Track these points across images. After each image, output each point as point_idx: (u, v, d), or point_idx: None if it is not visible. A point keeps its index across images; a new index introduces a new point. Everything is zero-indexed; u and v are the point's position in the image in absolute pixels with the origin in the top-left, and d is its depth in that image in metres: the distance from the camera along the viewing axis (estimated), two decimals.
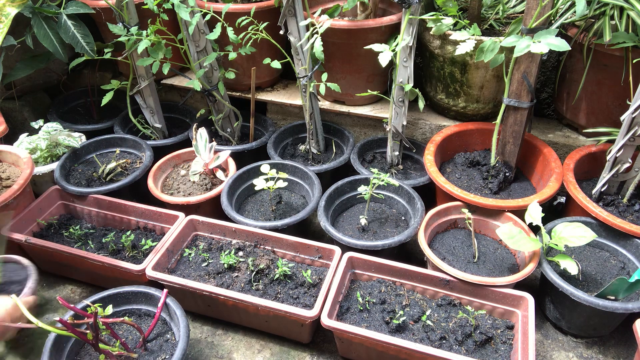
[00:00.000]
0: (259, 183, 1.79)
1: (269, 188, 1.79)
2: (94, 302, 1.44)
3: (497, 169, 1.88)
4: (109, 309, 1.34)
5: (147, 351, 1.43)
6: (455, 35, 1.71)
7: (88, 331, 1.28)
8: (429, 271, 1.56)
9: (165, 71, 1.90)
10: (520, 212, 1.68)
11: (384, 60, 1.65)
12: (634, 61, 1.64)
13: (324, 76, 1.86)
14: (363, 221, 1.81)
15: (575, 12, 1.67)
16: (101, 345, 1.32)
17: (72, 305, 1.29)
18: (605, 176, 1.70)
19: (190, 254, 1.73)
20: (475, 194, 1.81)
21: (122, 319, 1.35)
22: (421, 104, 1.86)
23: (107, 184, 1.95)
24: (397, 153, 2.05)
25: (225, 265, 1.65)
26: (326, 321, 1.41)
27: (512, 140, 1.82)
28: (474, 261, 1.65)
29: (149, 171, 2.00)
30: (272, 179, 1.82)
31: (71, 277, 1.83)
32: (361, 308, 1.53)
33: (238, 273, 1.63)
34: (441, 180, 1.79)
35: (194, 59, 2.00)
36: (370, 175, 1.79)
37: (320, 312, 1.43)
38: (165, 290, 1.47)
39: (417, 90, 1.84)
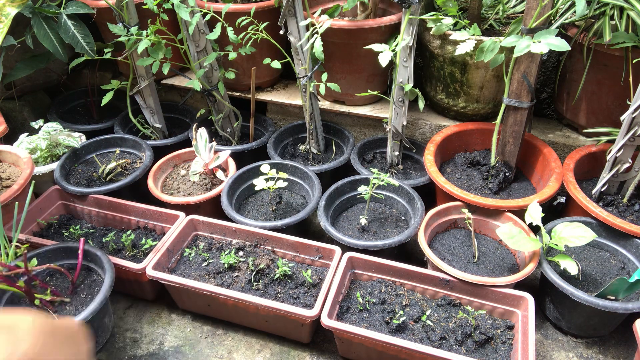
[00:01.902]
0: (259, 183, 1.79)
1: (269, 188, 1.79)
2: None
3: (497, 169, 1.88)
4: (34, 262, 1.49)
5: (77, 294, 1.56)
6: (455, 35, 1.71)
7: (20, 280, 1.40)
8: (429, 271, 1.56)
9: (165, 71, 1.90)
10: (520, 212, 1.68)
11: (384, 60, 1.65)
12: (634, 61, 1.64)
13: (324, 76, 1.86)
14: (363, 221, 1.81)
15: (575, 12, 1.67)
16: (36, 295, 1.45)
17: (2, 262, 1.41)
18: (605, 176, 1.70)
19: (190, 253, 1.73)
20: (475, 194, 1.81)
21: (47, 265, 1.50)
22: (421, 104, 1.86)
23: (107, 184, 1.95)
24: (397, 153, 2.05)
25: (226, 265, 1.65)
26: (326, 321, 1.41)
27: (512, 140, 1.82)
28: (474, 261, 1.65)
29: (149, 171, 2.00)
30: (272, 179, 1.82)
31: None
32: (361, 308, 1.53)
33: (238, 273, 1.63)
34: (441, 180, 1.79)
35: (194, 59, 2.00)
36: (370, 175, 1.79)
37: (320, 312, 1.43)
38: (82, 239, 1.58)
39: (417, 90, 1.84)
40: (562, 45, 1.45)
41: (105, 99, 2.07)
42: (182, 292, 1.61)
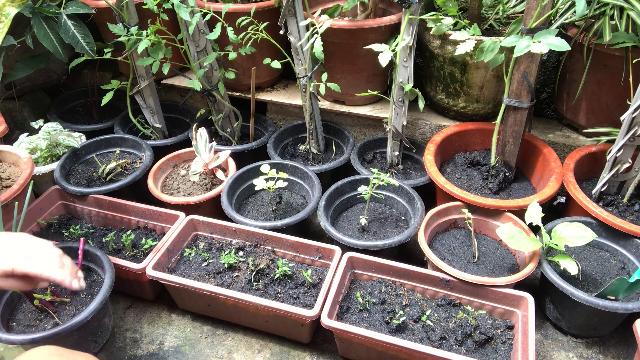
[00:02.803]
0: (259, 183, 1.79)
1: (269, 188, 1.79)
2: None
3: (497, 169, 1.88)
4: None
5: (77, 294, 1.58)
6: (455, 35, 1.71)
7: None
8: (429, 271, 1.56)
9: (165, 71, 1.90)
10: (520, 212, 1.68)
11: (384, 60, 1.65)
12: (634, 61, 1.64)
13: (324, 76, 1.86)
14: (363, 221, 1.81)
15: (575, 12, 1.67)
16: (35, 295, 1.46)
17: None
18: (605, 176, 1.70)
19: (190, 253, 1.73)
20: (475, 194, 1.81)
21: None
22: (421, 104, 1.86)
23: (107, 184, 1.95)
24: (397, 153, 2.05)
25: (226, 265, 1.65)
26: (326, 321, 1.41)
27: (512, 140, 1.82)
28: (474, 261, 1.65)
29: (149, 171, 2.00)
30: (272, 179, 1.82)
31: None
32: (361, 308, 1.53)
33: (238, 273, 1.63)
34: (441, 180, 1.79)
35: (194, 59, 2.00)
36: (370, 175, 1.79)
37: (321, 311, 1.43)
38: (82, 239, 1.58)
39: (417, 90, 1.84)
40: (562, 45, 1.45)
41: (105, 99, 2.07)
42: (182, 292, 1.61)
